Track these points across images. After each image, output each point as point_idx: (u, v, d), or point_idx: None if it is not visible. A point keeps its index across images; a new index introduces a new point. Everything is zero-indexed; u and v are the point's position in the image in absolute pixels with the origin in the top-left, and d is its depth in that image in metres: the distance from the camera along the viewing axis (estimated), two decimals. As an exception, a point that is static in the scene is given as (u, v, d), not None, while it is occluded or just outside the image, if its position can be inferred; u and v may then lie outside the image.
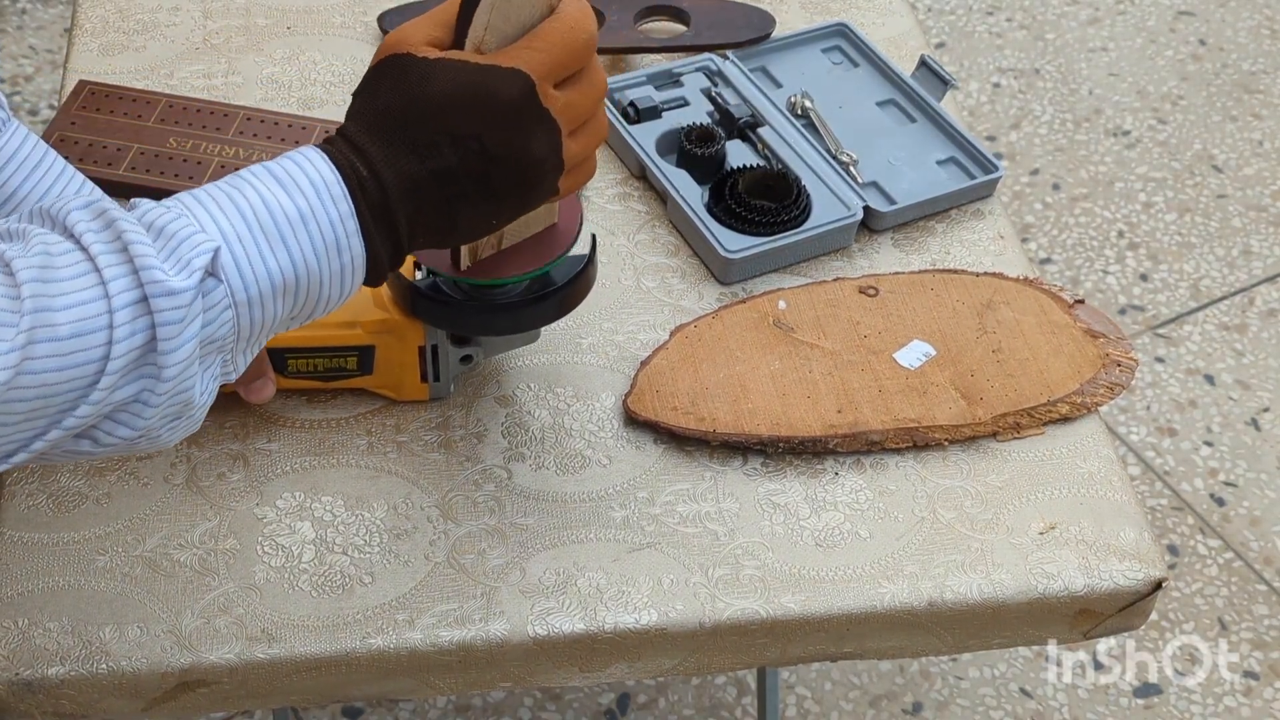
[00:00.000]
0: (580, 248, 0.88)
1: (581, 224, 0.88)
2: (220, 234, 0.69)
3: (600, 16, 1.22)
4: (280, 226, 0.70)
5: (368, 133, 0.72)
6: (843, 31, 1.23)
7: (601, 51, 1.20)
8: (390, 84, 0.73)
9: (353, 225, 0.71)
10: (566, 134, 0.75)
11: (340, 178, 0.71)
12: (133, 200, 0.71)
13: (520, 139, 0.72)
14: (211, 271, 0.68)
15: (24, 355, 0.64)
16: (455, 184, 0.73)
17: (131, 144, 1.11)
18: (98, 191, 0.90)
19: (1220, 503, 1.81)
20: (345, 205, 0.71)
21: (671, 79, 1.18)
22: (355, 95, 0.74)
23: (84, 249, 0.67)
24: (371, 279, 0.74)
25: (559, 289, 0.88)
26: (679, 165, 1.11)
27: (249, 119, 1.13)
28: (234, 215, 0.70)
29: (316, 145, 0.73)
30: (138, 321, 0.67)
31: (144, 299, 0.67)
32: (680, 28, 1.24)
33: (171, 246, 0.68)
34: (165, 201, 0.70)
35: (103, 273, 0.66)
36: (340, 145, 0.73)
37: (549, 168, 0.74)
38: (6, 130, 0.85)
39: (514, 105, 0.72)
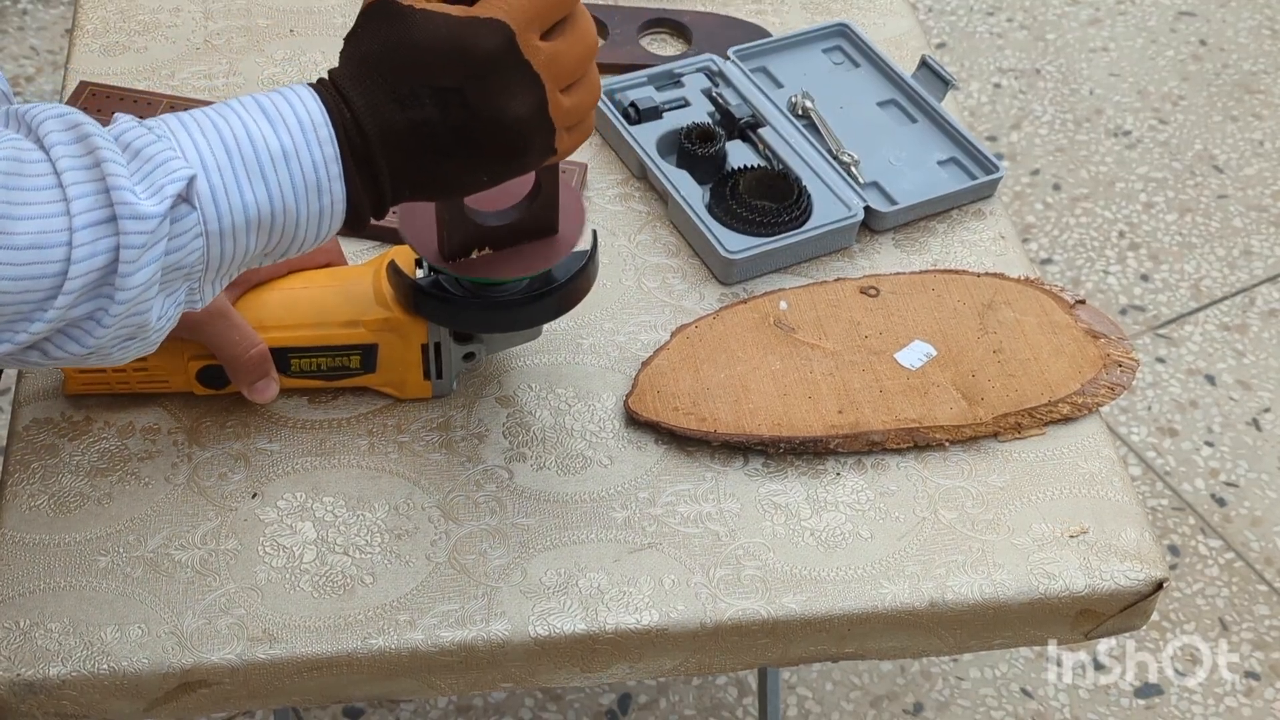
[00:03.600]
0: (581, 245, 0.89)
1: (583, 223, 0.88)
2: (200, 161, 0.68)
3: (603, 28, 1.23)
4: (262, 160, 0.69)
5: (351, 79, 0.71)
6: (843, 32, 1.23)
7: (605, 68, 1.20)
8: (374, 31, 0.71)
9: (336, 169, 0.70)
10: (558, 89, 0.73)
11: (328, 118, 0.70)
12: (115, 115, 0.69)
13: (501, 94, 0.71)
14: (186, 198, 0.67)
15: None
16: (437, 138, 0.71)
17: (132, 144, 1.10)
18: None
19: (1221, 503, 1.81)
20: (330, 148, 0.70)
21: (672, 79, 1.18)
22: (345, 40, 0.73)
23: (51, 162, 0.65)
24: (351, 226, 0.73)
25: (560, 286, 0.88)
26: (679, 165, 1.11)
27: (250, 119, 1.13)
28: (216, 144, 0.69)
29: (308, 84, 0.72)
30: (100, 243, 0.65)
31: (112, 219, 0.65)
32: (681, 44, 1.25)
33: (146, 170, 0.66)
34: (149, 121, 0.69)
35: (66, 190, 0.65)
36: (329, 88, 0.71)
37: (534, 125, 0.72)
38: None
39: (493, 57, 0.70)
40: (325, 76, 0.73)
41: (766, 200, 1.07)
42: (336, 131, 0.70)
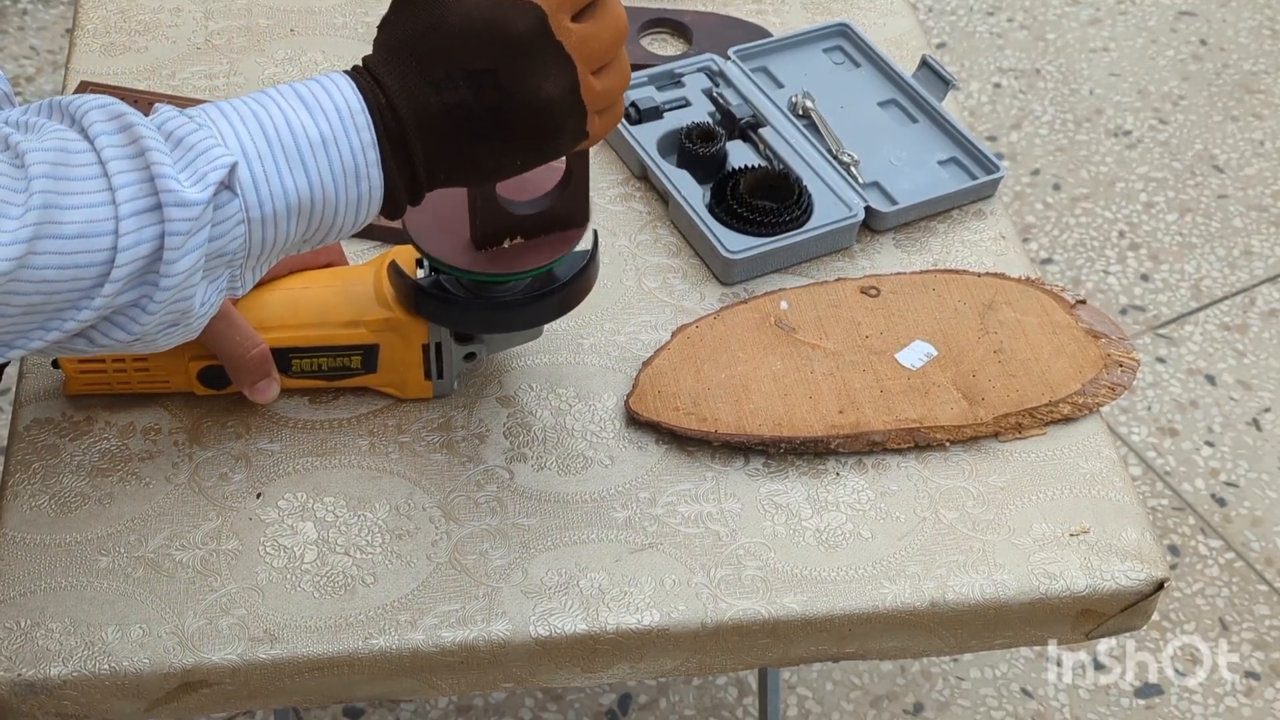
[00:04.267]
0: (582, 245, 0.89)
1: (586, 222, 0.88)
2: (240, 149, 0.70)
3: None
4: (301, 148, 0.70)
5: (385, 64, 0.72)
6: (844, 31, 1.23)
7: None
8: (407, 16, 0.73)
9: (373, 155, 0.72)
10: (588, 72, 0.74)
11: (365, 105, 0.71)
12: (156, 105, 0.71)
13: (534, 75, 0.72)
14: (228, 185, 0.69)
15: (28, 249, 0.64)
16: (472, 120, 0.72)
17: (133, 144, 1.10)
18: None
19: (1221, 503, 1.81)
20: (368, 134, 0.71)
21: (673, 79, 1.18)
22: (379, 27, 0.74)
23: (96, 151, 0.67)
24: (388, 211, 0.74)
25: (561, 286, 0.88)
26: (680, 165, 1.11)
27: (251, 119, 1.13)
28: (256, 132, 0.70)
29: (344, 71, 0.73)
30: (145, 230, 0.67)
31: (156, 207, 0.67)
32: (681, 44, 1.25)
33: (189, 158, 0.68)
34: (189, 110, 0.70)
35: (112, 179, 0.66)
36: (364, 74, 0.73)
37: (567, 107, 0.73)
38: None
39: (525, 38, 0.71)
40: (360, 64, 0.74)
41: (767, 200, 1.07)
42: (373, 117, 0.71)
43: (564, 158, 0.82)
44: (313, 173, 0.71)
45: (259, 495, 0.91)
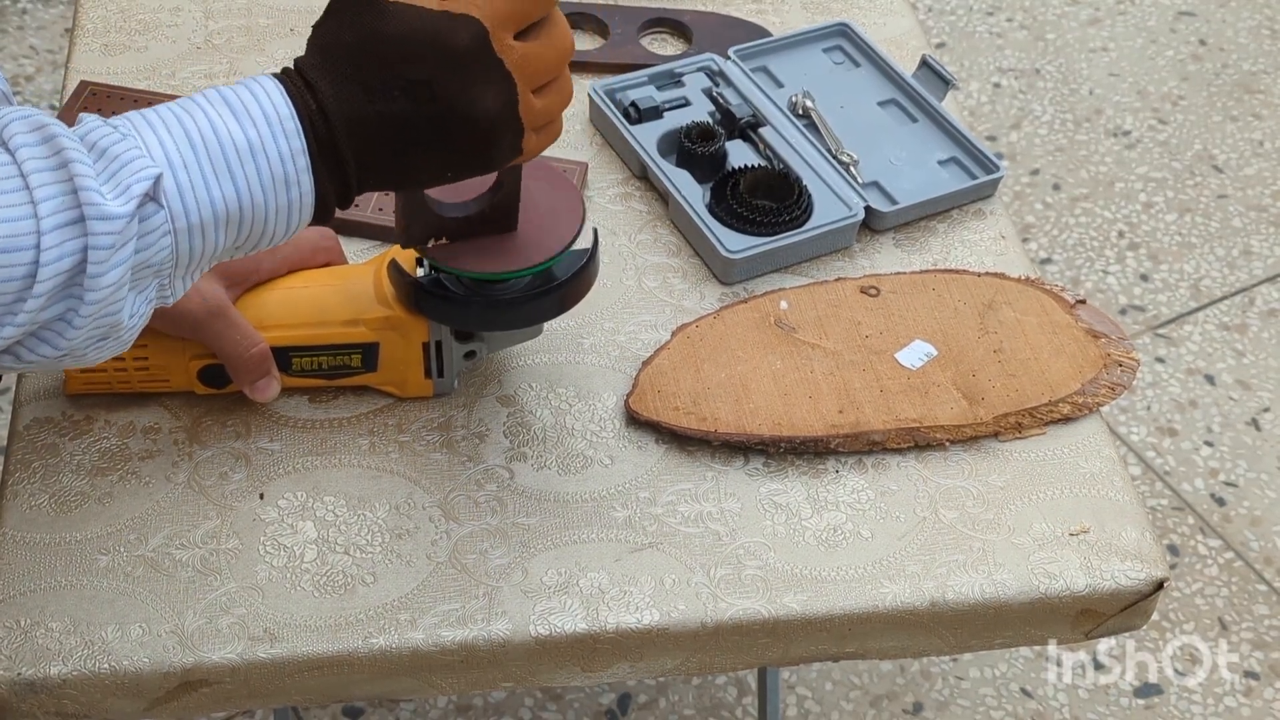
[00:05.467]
0: (582, 243, 0.89)
1: (584, 221, 0.88)
2: (165, 158, 0.68)
3: (604, 28, 1.23)
4: (228, 156, 0.69)
5: (319, 69, 0.71)
6: (844, 31, 1.23)
7: (605, 67, 1.21)
8: (346, 22, 0.71)
9: (303, 162, 0.70)
10: (530, 89, 0.73)
11: (294, 112, 0.70)
12: (81, 115, 0.69)
13: (472, 89, 0.71)
14: (153, 196, 0.67)
15: None
16: (407, 130, 0.71)
17: (133, 143, 1.10)
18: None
19: (1221, 503, 1.81)
20: (298, 141, 0.70)
21: (673, 79, 1.18)
22: (314, 27, 0.73)
23: (18, 164, 0.65)
24: (319, 217, 0.73)
25: (561, 284, 0.88)
26: (680, 165, 1.11)
27: (250, 119, 1.13)
28: (181, 140, 0.69)
29: (273, 75, 0.72)
30: (67, 244, 0.65)
31: (80, 220, 0.65)
32: (681, 43, 1.25)
33: (113, 169, 0.66)
34: (114, 119, 0.69)
35: (33, 192, 0.65)
36: (295, 78, 0.71)
37: (503, 123, 0.73)
38: None
39: (465, 52, 0.70)
40: (291, 66, 0.72)
41: (767, 200, 1.07)
42: (303, 123, 0.70)
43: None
44: (240, 181, 0.69)
45: (261, 495, 0.91)
